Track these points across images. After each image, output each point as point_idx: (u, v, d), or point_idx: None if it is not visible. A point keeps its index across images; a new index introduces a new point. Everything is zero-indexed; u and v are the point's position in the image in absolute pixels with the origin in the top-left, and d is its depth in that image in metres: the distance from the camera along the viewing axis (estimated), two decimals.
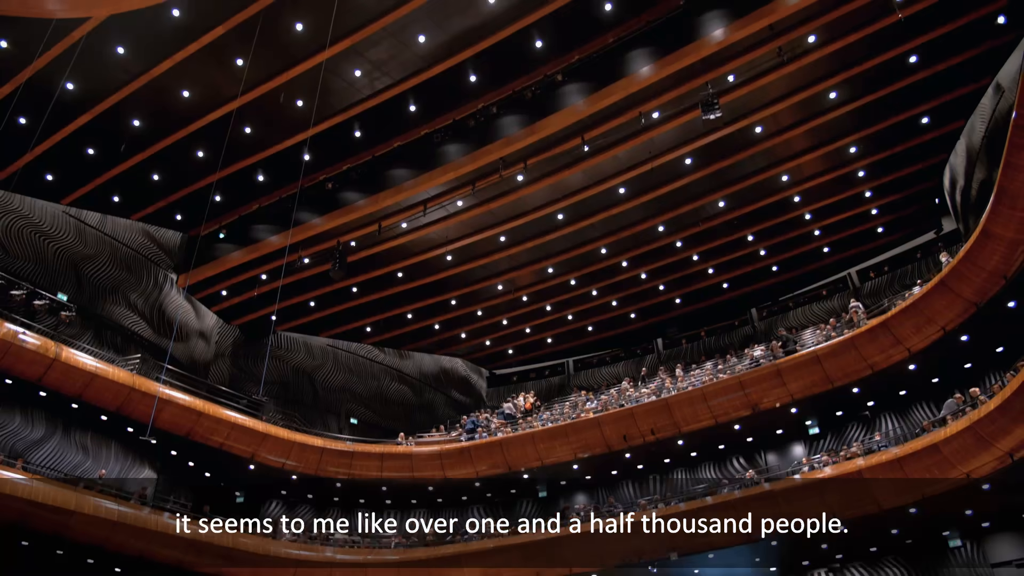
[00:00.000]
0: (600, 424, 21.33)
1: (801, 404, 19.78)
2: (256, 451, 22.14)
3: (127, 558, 18.71)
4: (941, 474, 15.30)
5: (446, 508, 25.62)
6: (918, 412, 19.61)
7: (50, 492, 17.13)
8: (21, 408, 19.70)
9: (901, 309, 17.55)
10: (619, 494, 23.27)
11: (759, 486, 18.11)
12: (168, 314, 24.01)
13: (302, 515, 24.85)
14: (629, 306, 27.26)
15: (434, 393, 29.90)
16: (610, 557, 18.97)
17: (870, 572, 18.84)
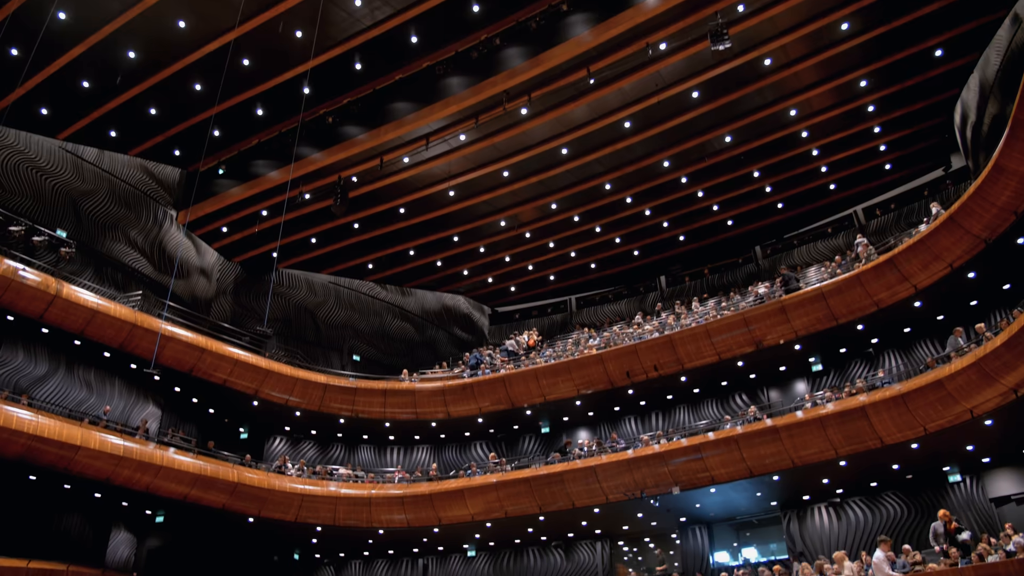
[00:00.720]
0: (603, 360, 21.35)
1: (805, 341, 19.76)
2: (259, 387, 22.22)
3: (134, 492, 18.88)
4: (944, 410, 15.29)
5: (449, 444, 25.88)
6: (922, 349, 19.61)
7: (55, 427, 17.19)
8: (24, 345, 19.69)
9: (908, 246, 17.36)
10: (621, 430, 23.45)
11: (761, 422, 18.16)
12: (168, 251, 23.84)
13: (306, 451, 25.12)
14: (632, 243, 27.07)
15: (436, 330, 29.92)
16: (613, 491, 19.13)
17: (870, 506, 19.01)
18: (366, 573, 24.63)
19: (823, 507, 19.59)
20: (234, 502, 20.06)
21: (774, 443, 17.42)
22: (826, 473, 17.91)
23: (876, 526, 18.68)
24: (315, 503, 20.99)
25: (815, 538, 19.31)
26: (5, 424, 16.38)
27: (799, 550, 19.19)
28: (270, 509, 20.56)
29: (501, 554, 23.32)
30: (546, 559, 22.79)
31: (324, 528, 21.45)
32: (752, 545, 21.56)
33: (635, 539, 22.79)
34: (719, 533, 21.47)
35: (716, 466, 18.10)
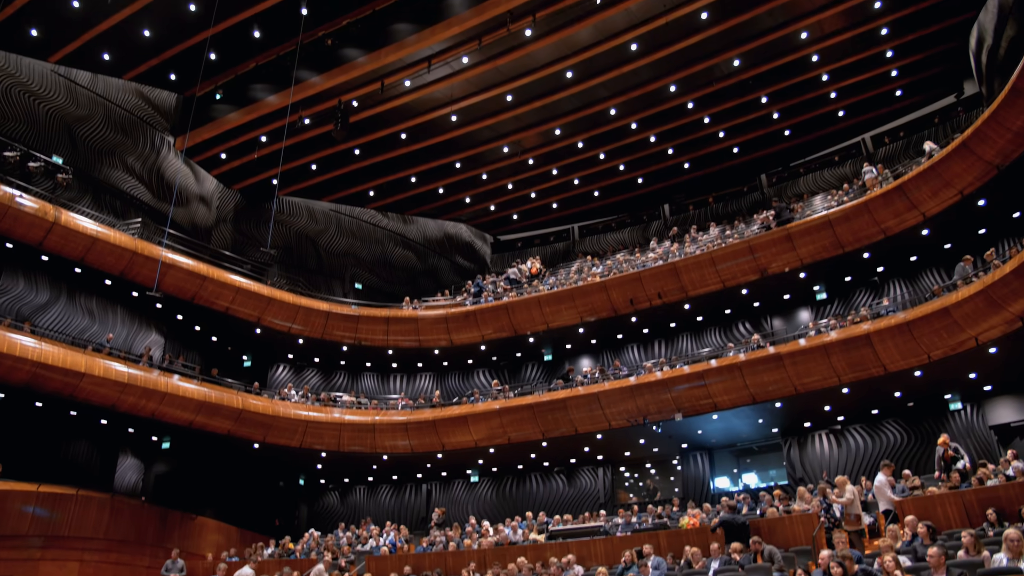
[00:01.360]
0: (607, 288, 21.25)
1: (810, 269, 19.63)
2: (262, 315, 22.20)
3: (139, 419, 19.03)
4: (950, 338, 15.24)
5: (452, 372, 25.98)
6: (927, 278, 19.48)
7: (59, 354, 17.20)
8: (24, 273, 19.59)
9: (918, 172, 17.07)
10: (624, 358, 23.49)
11: (764, 350, 18.15)
12: (167, 178, 23.53)
13: (309, 379, 25.24)
14: (636, 170, 26.70)
15: (438, 259, 29.79)
16: (615, 418, 19.26)
17: (870, 434, 19.18)
18: (370, 498, 25.02)
19: (824, 434, 19.77)
20: (239, 428, 20.22)
21: (777, 370, 17.44)
22: (828, 400, 17.99)
23: (876, 453, 18.87)
24: (319, 429, 21.17)
25: (815, 464, 19.53)
26: (9, 351, 16.38)
27: (799, 476, 19.43)
28: (275, 435, 20.74)
29: (504, 479, 23.65)
30: (548, 484, 23.11)
31: (329, 454, 21.69)
32: (752, 471, 21.84)
33: (636, 465, 23.06)
34: (720, 459, 21.73)
35: (719, 393, 18.16)
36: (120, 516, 19.03)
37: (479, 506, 23.25)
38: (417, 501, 24.49)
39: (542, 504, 22.00)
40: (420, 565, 15.28)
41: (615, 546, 13.74)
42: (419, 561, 15.54)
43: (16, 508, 16.95)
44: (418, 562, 15.48)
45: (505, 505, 22.90)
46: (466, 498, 23.92)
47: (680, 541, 13.09)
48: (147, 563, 19.10)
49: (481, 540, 16.49)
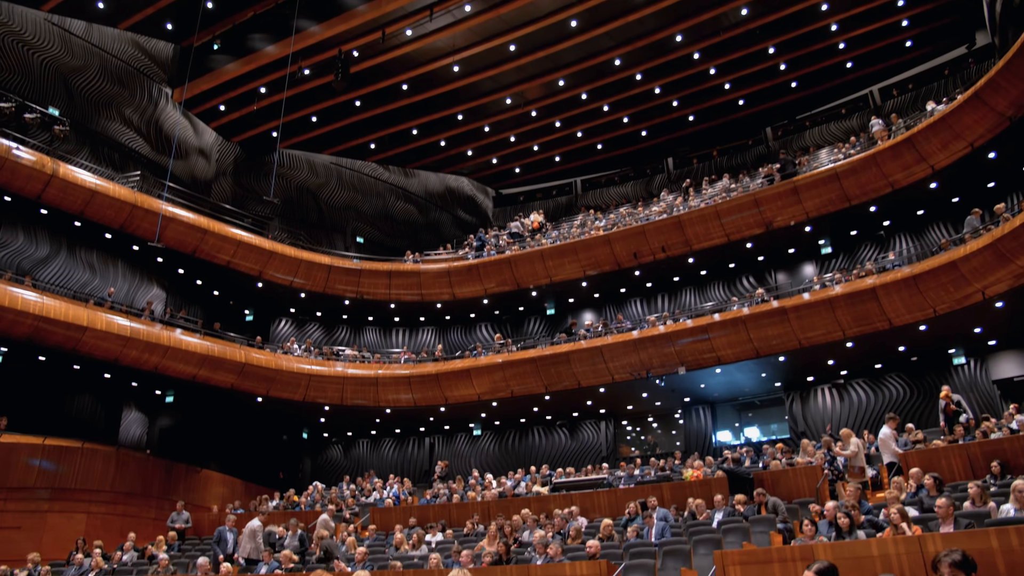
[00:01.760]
0: (610, 241, 21.10)
1: (816, 222, 19.45)
2: (263, 269, 22.08)
3: (142, 373, 19.04)
4: (956, 291, 15.15)
5: (454, 326, 25.95)
6: (934, 232, 19.31)
7: (61, 308, 17.15)
8: (23, 226, 19.42)
9: (928, 124, 16.82)
10: (627, 312, 23.44)
11: (768, 304, 18.09)
12: (165, 130, 23.23)
13: (311, 333, 25.21)
14: (641, 123, 26.36)
15: (440, 212, 29.58)
16: (619, 371, 19.25)
17: (873, 388, 19.20)
18: (373, 451, 25.17)
19: (826, 388, 19.80)
20: (242, 382, 20.23)
21: (782, 324, 17.38)
22: (832, 354, 17.97)
23: (878, 407, 18.92)
24: (323, 383, 21.20)
25: (817, 418, 19.60)
26: (11, 305, 16.33)
27: (801, 430, 19.49)
28: (278, 389, 20.77)
29: (506, 433, 23.77)
30: (551, 438, 23.23)
31: (332, 407, 21.75)
32: (754, 425, 21.93)
33: (639, 418, 23.15)
34: (722, 413, 21.80)
35: (722, 347, 18.12)
36: (125, 469, 19.14)
37: (482, 459, 23.39)
38: (420, 454, 24.65)
39: (544, 457, 22.14)
40: (424, 517, 15.38)
41: (619, 498, 13.79)
42: (423, 513, 15.64)
43: (22, 461, 17.04)
44: (422, 514, 15.58)
45: (508, 458, 23.04)
46: (469, 451, 24.07)
47: (684, 493, 13.14)
48: (153, 515, 19.26)
49: (484, 492, 16.59)
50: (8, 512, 16.69)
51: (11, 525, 16.62)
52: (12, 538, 16.44)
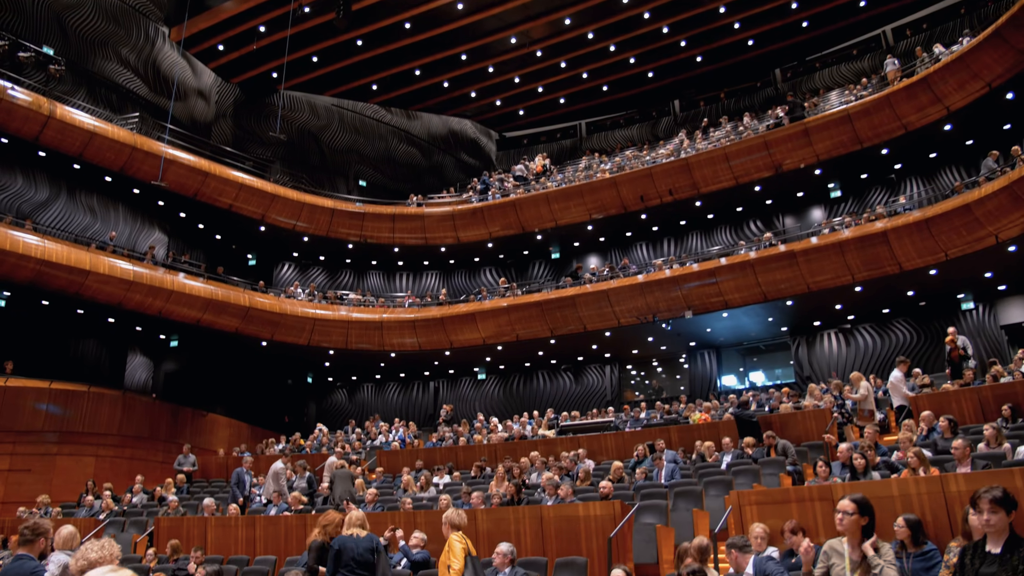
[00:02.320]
0: (617, 184, 20.83)
1: (826, 165, 19.17)
2: (266, 212, 21.85)
3: (147, 317, 18.96)
4: (969, 235, 14.99)
5: (458, 270, 25.77)
6: (946, 176, 19.01)
7: (63, 252, 16.99)
8: (22, 169, 19.16)
9: (945, 63, 16.43)
10: (633, 256, 23.23)
11: (775, 248, 17.92)
12: (163, 71, 22.75)
13: (314, 277, 25.07)
14: (647, 64, 25.79)
15: (443, 155, 29.20)
16: (625, 315, 19.17)
17: (879, 333, 19.14)
18: (378, 396, 25.25)
19: (833, 333, 19.75)
20: (247, 326, 20.17)
21: (790, 268, 17.24)
22: (840, 299, 17.87)
23: (885, 352, 18.89)
24: (327, 327, 21.14)
25: (823, 363, 19.59)
26: (12, 249, 16.18)
27: (806, 374, 19.49)
28: (283, 333, 20.71)
29: (511, 377, 23.79)
30: (555, 382, 23.27)
31: (336, 352, 21.74)
32: (759, 369, 21.94)
33: (643, 363, 23.17)
34: (727, 358, 21.79)
35: (730, 290, 18.01)
36: (132, 413, 19.19)
37: (486, 403, 23.45)
38: (425, 399, 24.73)
39: (549, 401, 22.20)
40: (431, 459, 15.43)
41: (626, 441, 13.81)
42: (430, 456, 15.69)
43: (30, 405, 17.07)
44: (429, 456, 15.63)
45: (512, 402, 23.10)
46: (473, 395, 24.13)
47: (691, 436, 13.15)
48: (160, 458, 19.38)
49: (491, 436, 16.64)
50: (18, 455, 16.78)
51: (21, 468, 16.73)
52: (23, 480, 16.56)
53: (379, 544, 6.25)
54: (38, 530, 5.18)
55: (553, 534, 7.94)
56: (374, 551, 6.18)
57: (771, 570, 4.76)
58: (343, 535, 6.34)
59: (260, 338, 20.58)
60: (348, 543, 6.23)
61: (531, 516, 8.17)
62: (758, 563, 4.93)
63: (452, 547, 5.69)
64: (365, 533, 6.34)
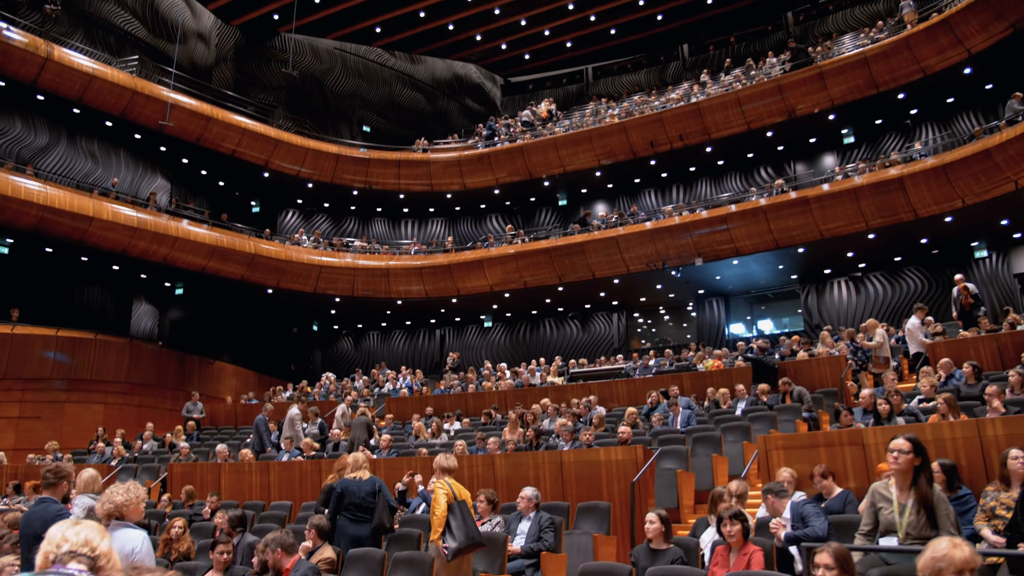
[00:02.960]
0: (626, 129, 20.48)
1: (840, 110, 18.80)
2: (269, 158, 21.53)
3: (151, 264, 18.79)
4: (987, 181, 14.73)
5: (464, 217, 25.49)
6: (962, 122, 18.63)
7: (66, 198, 16.76)
8: (20, 114, 18.82)
9: (968, 3, 15.98)
10: (641, 203, 22.94)
11: (786, 195, 17.67)
12: (162, 12, 22.23)
13: (319, 224, 24.82)
14: (656, 6, 25.16)
15: (447, 101, 28.72)
16: (634, 262, 18.99)
17: (890, 281, 18.99)
18: (384, 343, 25.20)
19: (843, 281, 19.60)
20: (252, 273, 20.00)
21: (803, 214, 17.01)
22: (852, 246, 17.67)
23: (895, 300, 18.76)
24: (333, 274, 20.98)
25: (832, 311, 19.47)
26: (14, 195, 15.97)
27: (815, 323, 19.38)
28: (289, 280, 20.56)
29: (517, 325, 23.71)
30: (562, 330, 23.19)
31: (343, 299, 21.61)
32: (767, 318, 21.85)
33: (651, 311, 23.06)
34: (735, 306, 21.68)
35: (741, 237, 17.81)
36: (139, 360, 19.14)
37: (493, 351, 23.39)
38: (431, 346, 24.68)
39: (556, 349, 22.13)
40: (441, 406, 15.39)
41: (637, 388, 13.73)
42: (439, 402, 15.65)
43: (37, 352, 17.00)
44: (438, 403, 15.59)
45: (519, 350, 23.05)
46: (480, 343, 24.07)
47: (704, 383, 13.07)
48: (169, 406, 19.36)
49: (500, 383, 16.58)
50: (27, 402, 16.77)
51: (31, 415, 16.73)
52: (33, 428, 16.57)
53: (380, 486, 6.23)
54: (60, 473, 5.08)
55: (573, 479, 7.87)
56: (375, 493, 6.15)
57: (808, 513, 4.66)
58: (346, 478, 6.34)
59: (266, 285, 20.43)
60: (351, 486, 6.22)
61: (550, 461, 8.10)
62: (795, 507, 4.84)
63: (435, 494, 5.63)
64: (368, 476, 6.30)
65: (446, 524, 5.52)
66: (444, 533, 5.50)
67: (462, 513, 5.62)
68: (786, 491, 5.06)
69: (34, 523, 4.92)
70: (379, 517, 6.13)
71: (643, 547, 5.04)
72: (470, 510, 5.74)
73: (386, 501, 6.31)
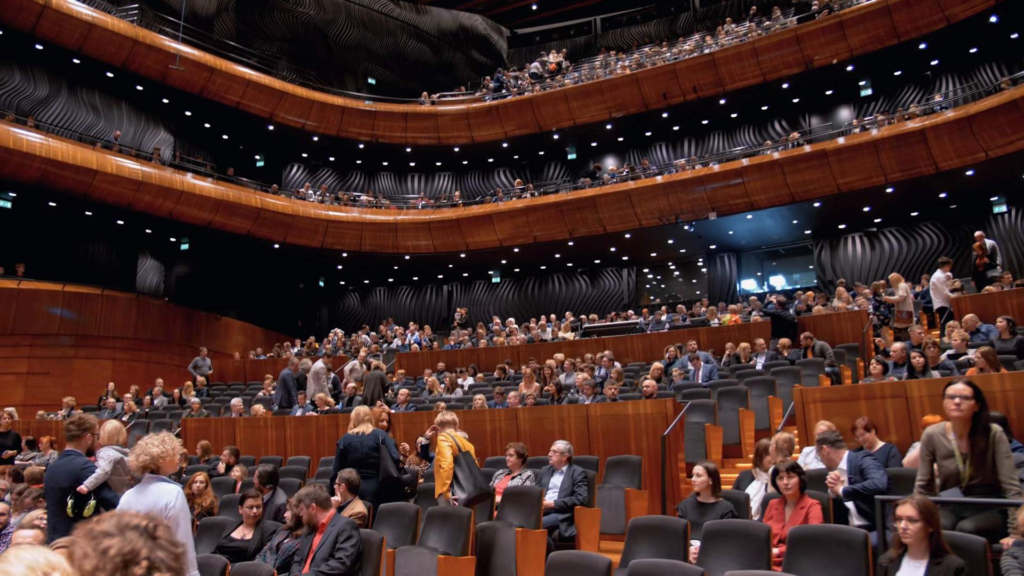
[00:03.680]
0: (638, 81, 20.04)
1: (859, 61, 18.37)
2: (274, 111, 21.12)
3: (156, 219, 18.52)
4: (1013, 133, 14.41)
5: (471, 171, 25.11)
6: (984, 73, 18.19)
7: (68, 151, 16.44)
8: (19, 64, 18.41)
9: None
10: (651, 156, 22.56)
11: (800, 148, 17.33)
12: None
13: (324, 179, 24.47)
14: None
15: (453, 52, 28.16)
16: (646, 216, 18.71)
17: (905, 236, 18.73)
18: (390, 299, 25.00)
19: (857, 236, 19.33)
20: (258, 228, 19.73)
21: (820, 168, 16.70)
22: (869, 200, 17.39)
23: (910, 256, 18.53)
24: (341, 228, 20.71)
25: (846, 267, 19.24)
26: (16, 147, 15.69)
27: (828, 279, 19.16)
28: (295, 235, 20.29)
29: (526, 280, 23.48)
30: (571, 285, 22.96)
31: (350, 254, 21.37)
32: (778, 273, 21.63)
33: (660, 267, 22.83)
34: (745, 261, 21.43)
35: (756, 191, 17.51)
36: (146, 316, 18.95)
37: (501, 307, 23.21)
38: (438, 302, 24.49)
39: (565, 305, 21.91)
40: (453, 361, 15.24)
41: (653, 343, 13.56)
42: (451, 358, 15.49)
43: (44, 308, 16.79)
44: (450, 359, 15.43)
45: (527, 306, 22.87)
46: (487, 299, 23.88)
47: (721, 338, 12.87)
48: (177, 362, 19.20)
49: (511, 338, 16.41)
50: (36, 358, 16.63)
51: (40, 371, 16.59)
52: (41, 384, 16.45)
53: (384, 438, 6.09)
54: (84, 424, 4.90)
55: (600, 433, 7.71)
56: (377, 448, 6.01)
57: (868, 466, 4.48)
58: (349, 433, 6.20)
59: (272, 240, 20.18)
60: (353, 442, 6.09)
61: (576, 415, 7.93)
62: (853, 459, 4.66)
63: (440, 447, 5.56)
64: (370, 430, 6.16)
65: (454, 476, 5.47)
66: (452, 485, 5.45)
67: (468, 464, 5.56)
68: (842, 441, 4.88)
69: (59, 476, 4.76)
70: (385, 470, 5.98)
71: (690, 501, 4.87)
72: (475, 462, 5.69)
73: (389, 453, 6.17)
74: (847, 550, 3.50)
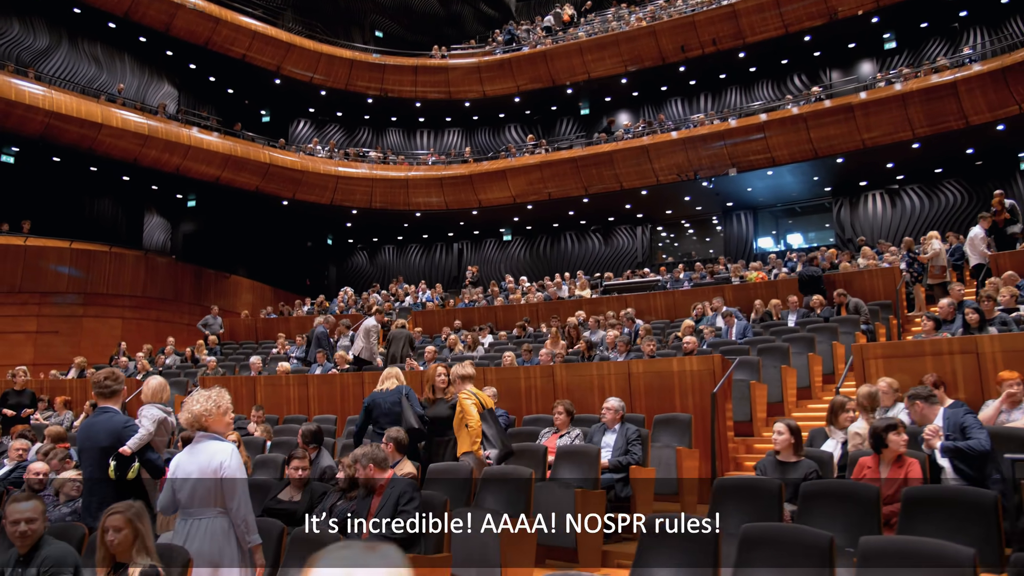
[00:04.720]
0: (656, 33, 19.50)
1: (884, 12, 17.79)
2: (281, 64, 20.57)
3: (163, 174, 18.13)
4: None
5: (482, 127, 24.56)
6: (1014, 25, 17.63)
7: (72, 104, 16.01)
8: (18, 14, 17.85)
9: None
10: (667, 112, 22.00)
11: (822, 103, 16.90)
12: None
13: (331, 134, 23.97)
14: None
15: (461, 5, 27.41)
16: (663, 172, 18.31)
17: (927, 194, 18.37)
18: (400, 258, 24.67)
19: (878, 194, 18.96)
20: (267, 184, 19.33)
21: (845, 123, 16.29)
22: (894, 156, 17.00)
23: (931, 214, 18.20)
24: (351, 185, 20.30)
25: (865, 225, 18.91)
26: (18, 99, 15.25)
27: (847, 237, 18.83)
28: (305, 191, 19.89)
29: (537, 238, 23.13)
30: (583, 244, 22.61)
31: (359, 211, 20.98)
32: (795, 231, 21.32)
33: (674, 225, 22.48)
34: (761, 219, 21.08)
35: (778, 146, 17.10)
36: (155, 274, 18.63)
37: (512, 265, 22.86)
38: (448, 261, 24.16)
39: (577, 263, 21.55)
40: (469, 320, 14.96)
41: (676, 300, 13.32)
42: (467, 316, 15.22)
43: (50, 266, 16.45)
44: (467, 317, 15.16)
45: (539, 264, 22.54)
46: (498, 257, 23.54)
47: (748, 296, 12.58)
48: (186, 320, 18.89)
49: (528, 296, 16.12)
50: (44, 316, 16.35)
51: (49, 329, 16.31)
52: (51, 342, 16.20)
53: (407, 392, 5.92)
54: (120, 379, 4.61)
55: (643, 391, 7.45)
56: (400, 402, 5.86)
57: (970, 424, 4.20)
58: (376, 390, 6.08)
59: (281, 197, 19.78)
60: (378, 398, 5.97)
61: (616, 372, 7.67)
62: (950, 415, 4.38)
63: (463, 405, 5.39)
64: (395, 386, 5.99)
65: (482, 434, 5.34)
66: (483, 443, 5.33)
67: (493, 420, 5.46)
68: (935, 397, 4.60)
69: (98, 435, 4.45)
70: (406, 421, 5.77)
71: (769, 459, 4.61)
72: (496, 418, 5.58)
73: (412, 406, 5.99)
74: (976, 512, 3.23)
